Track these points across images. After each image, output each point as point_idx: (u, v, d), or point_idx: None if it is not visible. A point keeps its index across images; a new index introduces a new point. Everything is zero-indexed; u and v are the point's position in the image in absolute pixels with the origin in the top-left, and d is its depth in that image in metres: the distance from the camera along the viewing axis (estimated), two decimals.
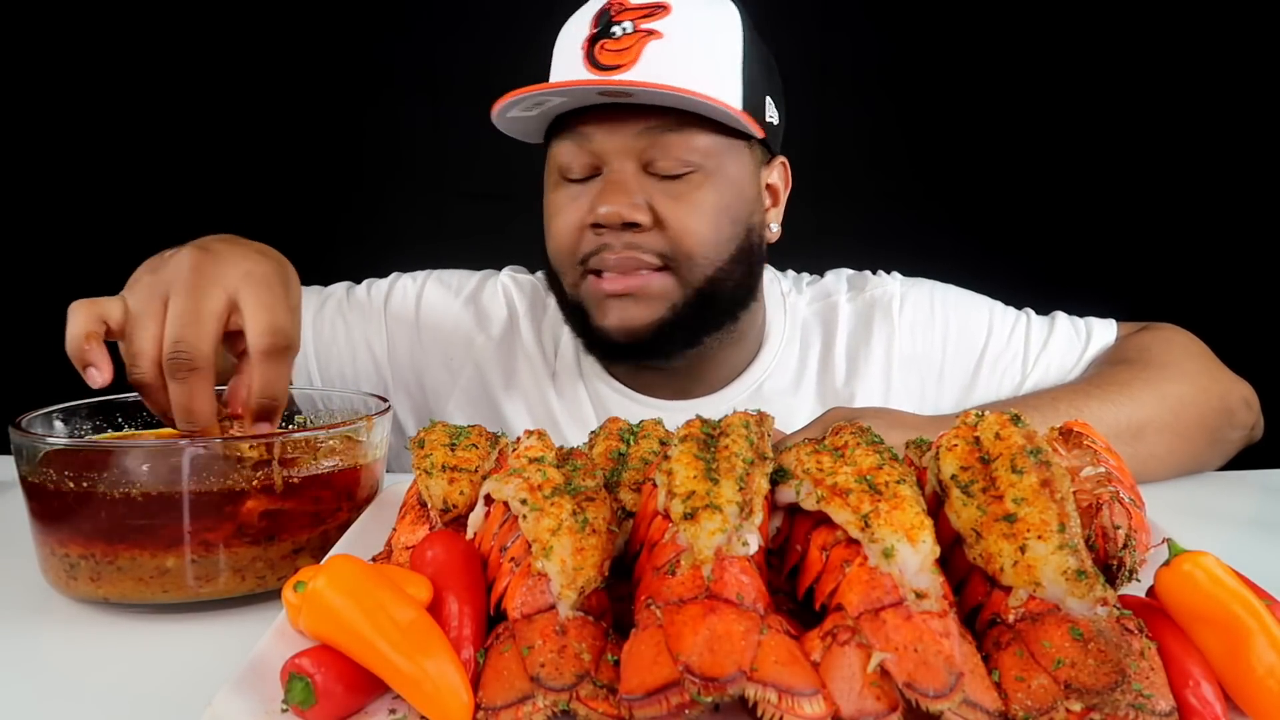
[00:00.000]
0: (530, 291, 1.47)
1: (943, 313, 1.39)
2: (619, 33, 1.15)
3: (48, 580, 0.82)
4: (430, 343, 1.43)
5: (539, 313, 1.44)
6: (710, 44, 1.18)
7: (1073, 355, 1.37)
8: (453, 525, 0.74)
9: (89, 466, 0.78)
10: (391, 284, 1.46)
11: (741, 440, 0.67)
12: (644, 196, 1.18)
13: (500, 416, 1.40)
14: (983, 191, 2.49)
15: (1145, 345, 1.32)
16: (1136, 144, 2.44)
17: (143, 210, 2.48)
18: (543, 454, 0.71)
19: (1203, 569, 0.57)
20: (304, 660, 0.55)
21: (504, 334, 1.43)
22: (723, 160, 1.21)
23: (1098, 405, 1.18)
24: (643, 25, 1.15)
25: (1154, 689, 0.51)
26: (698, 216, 1.19)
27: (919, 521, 0.56)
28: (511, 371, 1.41)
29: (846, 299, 1.42)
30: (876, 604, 0.53)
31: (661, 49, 1.14)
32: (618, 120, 1.17)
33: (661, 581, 0.55)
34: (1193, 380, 1.26)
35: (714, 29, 1.20)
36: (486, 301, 1.45)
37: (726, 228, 1.22)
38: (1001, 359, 1.37)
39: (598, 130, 1.18)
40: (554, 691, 0.53)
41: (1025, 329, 1.38)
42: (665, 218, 1.18)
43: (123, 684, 0.68)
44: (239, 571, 0.79)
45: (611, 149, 1.18)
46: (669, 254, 1.19)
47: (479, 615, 0.61)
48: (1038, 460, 0.63)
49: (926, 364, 1.38)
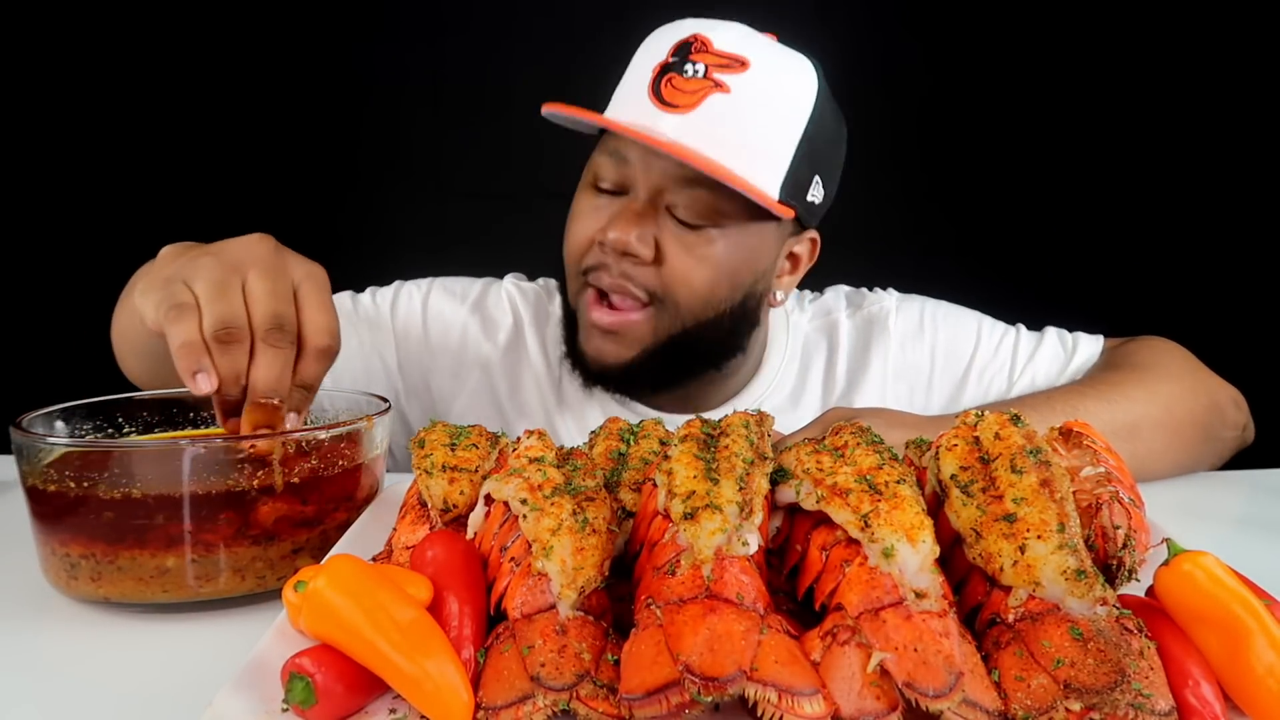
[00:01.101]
0: (534, 300, 1.47)
1: (931, 325, 1.42)
2: (690, 73, 1.15)
3: (48, 580, 0.82)
4: (438, 350, 1.43)
5: (542, 321, 1.45)
6: (772, 117, 1.17)
7: (1057, 365, 1.39)
8: (453, 525, 0.75)
9: (90, 466, 0.78)
10: (396, 293, 1.46)
11: (741, 440, 0.67)
12: (654, 232, 1.18)
13: (506, 422, 1.40)
14: (972, 210, 2.50)
15: (1133, 351, 1.34)
16: (1121, 160, 2.46)
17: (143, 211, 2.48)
18: (543, 454, 0.71)
19: (1202, 569, 0.57)
20: (304, 660, 0.55)
21: (510, 342, 1.43)
22: (744, 228, 1.20)
23: (1093, 404, 1.19)
24: (715, 74, 1.14)
25: (1153, 688, 0.51)
26: (698, 270, 1.19)
27: (919, 521, 0.56)
28: (517, 380, 1.42)
29: (846, 315, 1.45)
30: (876, 604, 0.53)
31: (723, 105, 1.13)
32: (655, 156, 1.16)
33: (661, 581, 0.55)
34: (1180, 380, 1.28)
35: (783, 101, 1.18)
36: (492, 308, 1.46)
37: (724, 289, 1.22)
38: (988, 369, 1.39)
39: (637, 155, 1.18)
40: (554, 691, 0.53)
41: (1014, 341, 1.41)
42: (667, 258, 1.18)
43: (123, 684, 0.68)
44: (239, 571, 0.79)
45: (642, 179, 1.18)
46: (658, 293, 1.20)
47: (479, 615, 0.61)
48: (1037, 460, 0.63)
49: (915, 374, 1.40)
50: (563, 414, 1.40)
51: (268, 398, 0.81)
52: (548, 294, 1.49)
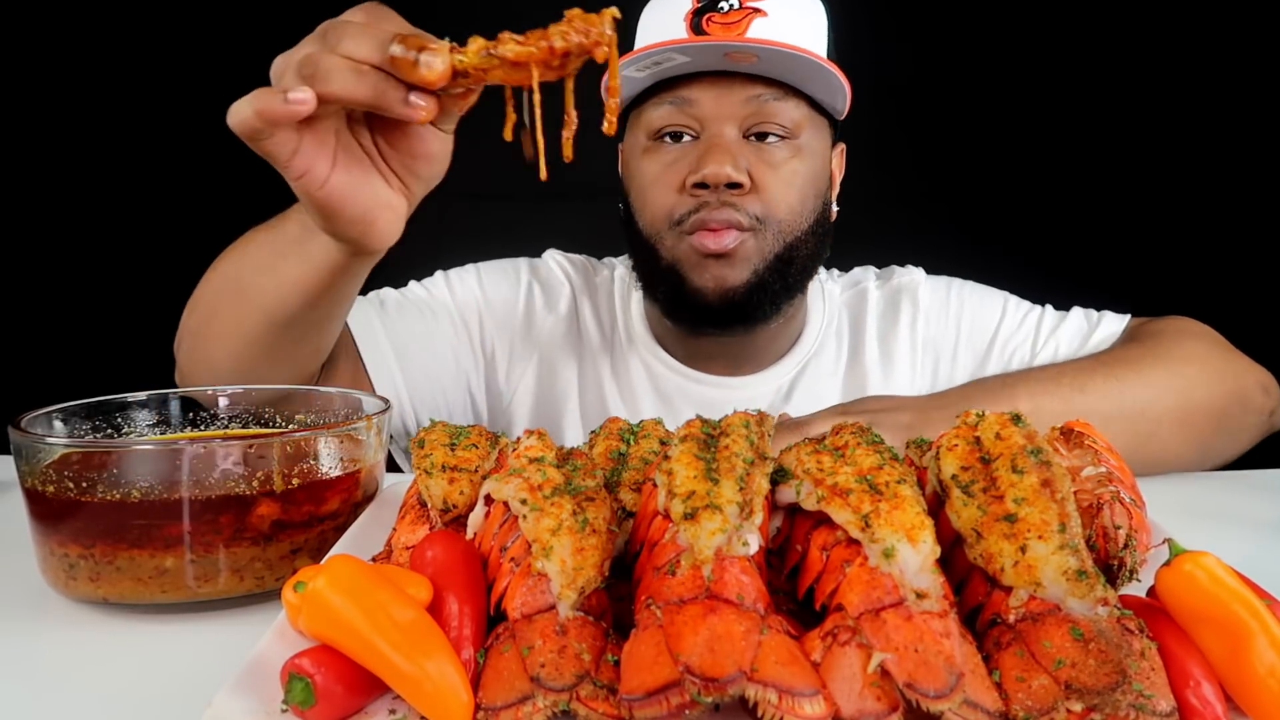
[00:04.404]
0: (582, 269, 1.52)
1: (958, 300, 1.46)
2: (726, 7, 1.22)
3: (47, 580, 0.82)
4: (502, 322, 1.46)
5: (593, 289, 1.50)
6: (808, 30, 1.26)
7: (1079, 339, 1.38)
8: (453, 525, 0.74)
9: (89, 466, 0.78)
10: (447, 277, 1.49)
11: (741, 440, 0.67)
12: (745, 160, 1.24)
13: (560, 391, 1.44)
14: (992, 192, 2.50)
15: (1157, 330, 1.33)
16: (1146, 140, 2.45)
17: (143, 211, 2.48)
18: (543, 454, 0.71)
19: (1203, 569, 0.57)
20: (304, 660, 0.55)
21: (569, 309, 1.48)
22: (811, 134, 1.29)
23: (1102, 381, 1.19)
24: (749, 3, 1.23)
25: (1155, 689, 0.51)
26: (789, 184, 1.27)
27: (919, 521, 0.56)
28: (580, 350, 1.46)
29: (875, 286, 1.50)
30: (877, 604, 0.53)
31: (768, 25, 1.22)
32: (725, 86, 1.24)
33: (661, 581, 0.55)
34: (1203, 363, 1.26)
35: (810, 13, 1.29)
36: (547, 276, 1.50)
37: (811, 199, 1.30)
38: (1011, 342, 1.41)
39: (705, 94, 1.24)
40: (554, 692, 0.53)
41: (1038, 317, 1.43)
42: (761, 182, 1.25)
43: (122, 684, 0.68)
44: (238, 572, 0.79)
45: (717, 114, 1.24)
46: (761, 216, 1.26)
47: (479, 615, 0.61)
48: (1038, 460, 0.63)
49: (941, 346, 1.44)
50: (614, 374, 1.44)
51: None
52: (593, 267, 1.54)
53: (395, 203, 0.91)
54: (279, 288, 1.04)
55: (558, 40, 0.71)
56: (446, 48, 0.75)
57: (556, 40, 0.71)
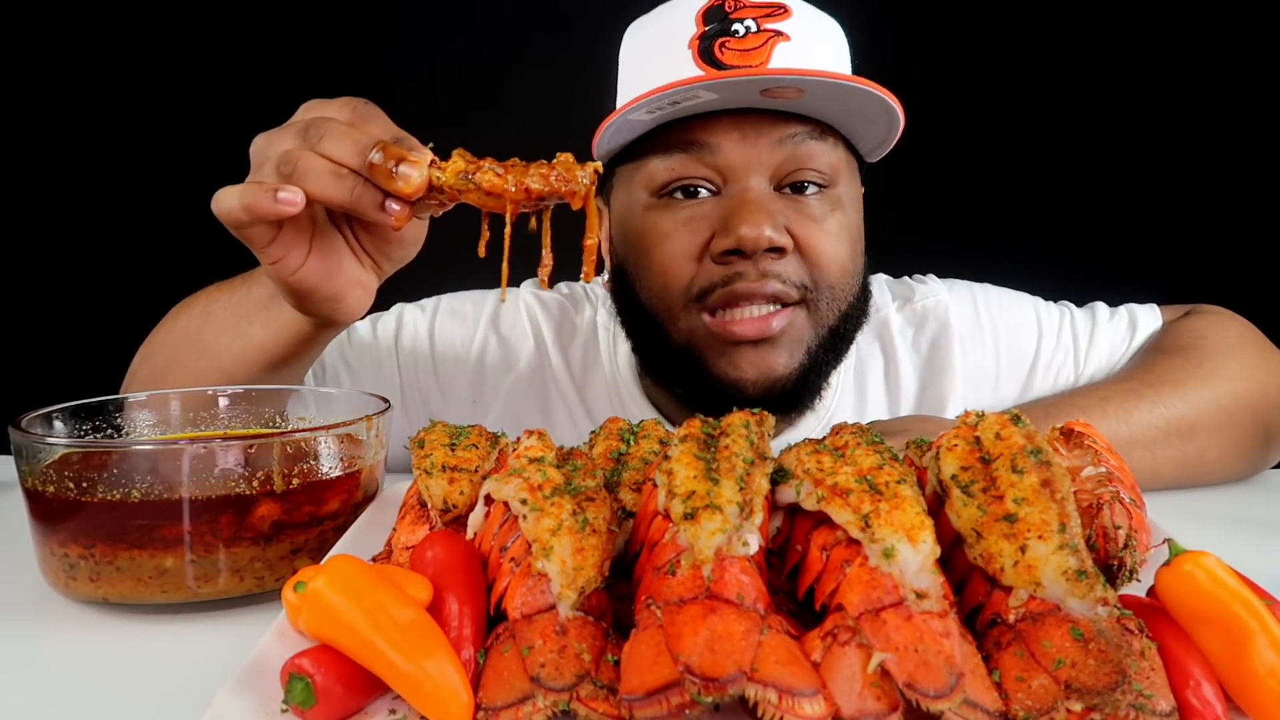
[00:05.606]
0: (557, 311, 1.33)
1: (990, 320, 1.33)
2: (742, 31, 1.02)
3: (47, 580, 0.82)
4: (452, 380, 1.32)
5: (567, 336, 1.31)
6: (834, 48, 1.10)
7: (1121, 347, 1.31)
8: (453, 525, 0.74)
9: (89, 467, 0.78)
10: (399, 320, 1.35)
11: (741, 440, 0.67)
12: (783, 217, 1.04)
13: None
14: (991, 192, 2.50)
15: (1199, 334, 1.23)
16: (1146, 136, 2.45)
17: (142, 211, 2.48)
18: (543, 454, 0.71)
19: (1203, 569, 0.57)
20: (304, 660, 0.55)
21: (531, 366, 1.30)
22: (848, 182, 1.11)
23: (1149, 407, 1.12)
24: (767, 25, 1.03)
25: (1154, 689, 0.51)
26: (836, 241, 1.07)
27: (919, 521, 0.56)
28: (545, 406, 1.30)
29: (896, 310, 1.33)
30: (877, 604, 0.53)
31: (792, 51, 1.02)
32: (751, 126, 1.04)
33: (662, 581, 0.55)
34: (1248, 375, 1.18)
35: (832, 33, 1.11)
36: (508, 331, 1.32)
37: (859, 256, 1.11)
38: (1054, 360, 1.32)
39: (727, 139, 1.03)
40: (554, 692, 0.53)
41: (1071, 325, 1.34)
42: (806, 242, 1.05)
43: (122, 684, 0.68)
44: (238, 572, 0.79)
45: (744, 162, 1.04)
46: (811, 284, 1.06)
47: (479, 615, 0.61)
48: (1038, 460, 0.63)
49: (981, 374, 1.30)
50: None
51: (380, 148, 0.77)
52: (573, 304, 1.33)
53: (366, 280, 0.93)
54: (243, 351, 1.02)
55: (534, 183, 0.73)
56: (426, 160, 0.77)
57: (533, 182, 0.73)
